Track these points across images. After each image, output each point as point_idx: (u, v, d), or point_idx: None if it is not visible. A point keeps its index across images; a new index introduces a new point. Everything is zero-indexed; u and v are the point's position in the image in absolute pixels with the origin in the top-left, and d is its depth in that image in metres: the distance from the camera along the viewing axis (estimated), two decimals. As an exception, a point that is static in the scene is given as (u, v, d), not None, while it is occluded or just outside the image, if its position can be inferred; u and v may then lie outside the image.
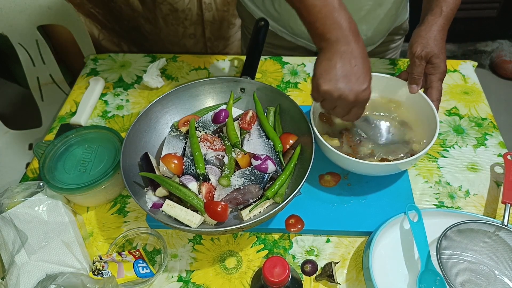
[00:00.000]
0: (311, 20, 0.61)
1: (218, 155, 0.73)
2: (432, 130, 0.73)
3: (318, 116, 0.80)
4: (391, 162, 0.69)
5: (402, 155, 0.74)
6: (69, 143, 0.79)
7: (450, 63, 1.04)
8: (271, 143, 0.75)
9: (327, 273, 0.65)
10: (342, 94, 0.60)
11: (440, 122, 0.83)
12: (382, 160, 0.73)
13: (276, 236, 0.73)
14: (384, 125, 0.79)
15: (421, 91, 0.77)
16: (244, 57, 0.88)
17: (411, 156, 0.70)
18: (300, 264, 0.69)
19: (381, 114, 0.81)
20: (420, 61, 0.75)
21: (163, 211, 0.66)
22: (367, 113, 0.80)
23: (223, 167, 0.72)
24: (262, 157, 0.70)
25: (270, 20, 1.02)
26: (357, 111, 0.65)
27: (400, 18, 1.04)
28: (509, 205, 0.69)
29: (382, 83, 0.81)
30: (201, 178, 0.69)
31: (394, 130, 0.78)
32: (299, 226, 0.70)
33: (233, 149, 0.74)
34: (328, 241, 0.72)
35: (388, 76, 0.81)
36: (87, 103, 0.95)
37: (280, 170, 0.72)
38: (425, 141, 0.75)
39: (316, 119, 0.79)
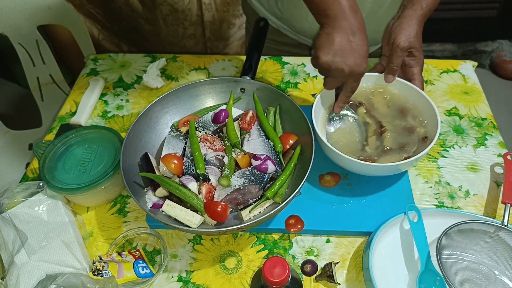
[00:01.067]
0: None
1: (218, 155, 0.73)
2: (433, 127, 0.73)
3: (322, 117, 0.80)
4: (391, 163, 0.69)
5: (413, 148, 0.74)
6: (69, 143, 0.79)
7: (450, 63, 1.04)
8: (271, 143, 0.75)
9: (327, 273, 0.65)
10: (338, 67, 0.64)
11: (441, 122, 0.83)
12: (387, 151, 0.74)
13: (276, 236, 0.73)
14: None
15: (422, 91, 0.77)
16: (244, 57, 0.88)
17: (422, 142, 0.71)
18: (300, 264, 0.69)
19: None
20: (402, 52, 0.77)
21: (163, 211, 0.66)
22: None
23: (223, 167, 0.72)
24: (262, 157, 0.70)
25: (273, 18, 1.02)
26: (351, 85, 0.70)
27: None
28: (509, 205, 0.69)
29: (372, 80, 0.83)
30: (201, 178, 0.69)
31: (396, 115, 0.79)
32: (299, 226, 0.70)
33: (233, 149, 0.74)
34: (328, 241, 0.72)
35: (376, 74, 0.82)
36: (87, 103, 0.95)
37: (280, 170, 0.72)
38: (428, 127, 0.75)
39: (319, 122, 0.79)
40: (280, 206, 0.62)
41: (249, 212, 0.66)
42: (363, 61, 0.65)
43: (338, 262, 0.68)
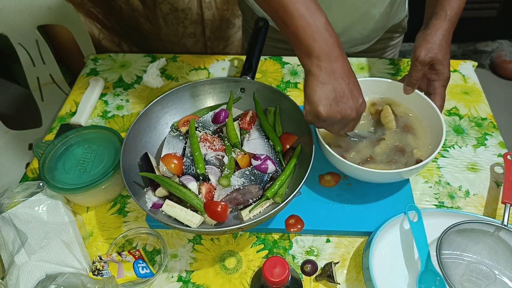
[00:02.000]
0: (295, 32, 0.58)
1: (218, 155, 0.73)
2: (437, 137, 0.72)
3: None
4: (394, 170, 0.68)
5: (402, 163, 0.73)
6: (69, 143, 0.79)
7: (450, 63, 1.04)
8: (271, 143, 0.75)
9: (327, 273, 0.65)
10: (345, 114, 0.59)
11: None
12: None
13: (276, 236, 0.73)
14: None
15: (427, 98, 0.76)
16: (244, 57, 0.88)
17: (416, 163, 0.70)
18: (300, 264, 0.69)
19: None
20: (422, 66, 0.74)
21: (163, 211, 0.66)
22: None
23: (223, 167, 0.72)
24: (262, 157, 0.70)
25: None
26: (354, 124, 0.65)
27: (398, 16, 1.05)
28: (509, 205, 0.69)
29: (383, 86, 0.81)
30: (201, 178, 0.69)
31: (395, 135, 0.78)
32: (299, 226, 0.70)
33: (233, 149, 0.74)
34: (328, 241, 0.72)
35: (390, 80, 0.81)
36: (87, 103, 0.95)
37: (280, 170, 0.72)
38: (429, 146, 0.74)
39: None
40: (280, 206, 0.62)
41: (249, 212, 0.66)
42: (362, 98, 0.61)
43: (338, 262, 0.68)
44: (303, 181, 0.64)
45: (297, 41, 0.58)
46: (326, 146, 0.70)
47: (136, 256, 0.68)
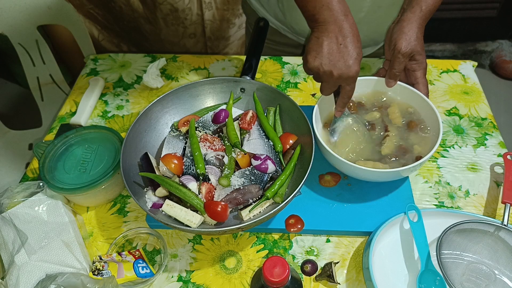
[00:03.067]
0: (303, 3, 0.66)
1: (218, 155, 0.73)
2: (434, 133, 0.72)
3: (323, 126, 0.79)
4: (392, 169, 0.67)
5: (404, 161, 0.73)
6: (69, 143, 0.79)
7: (450, 63, 1.04)
8: (271, 143, 0.75)
9: (327, 273, 0.65)
10: (326, 70, 0.65)
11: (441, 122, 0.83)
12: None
13: (276, 236, 0.73)
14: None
15: (424, 96, 0.77)
16: (244, 57, 0.88)
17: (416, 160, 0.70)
18: (300, 264, 0.69)
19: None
20: (404, 57, 0.76)
21: (163, 211, 0.66)
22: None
23: (223, 167, 0.72)
24: (262, 157, 0.70)
25: (273, 19, 1.02)
26: (346, 90, 0.69)
27: None
28: (509, 205, 0.69)
29: (370, 85, 0.82)
30: (201, 178, 0.69)
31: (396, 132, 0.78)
32: (299, 226, 0.70)
33: (233, 149, 0.74)
34: (328, 241, 0.72)
35: (376, 78, 0.82)
36: (87, 103, 0.95)
37: (280, 170, 0.72)
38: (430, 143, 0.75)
39: (320, 126, 0.78)
40: (280, 206, 0.62)
41: (249, 212, 0.66)
42: (354, 64, 0.64)
43: (338, 262, 0.68)
44: (303, 181, 0.64)
45: (304, 9, 0.67)
46: (326, 146, 0.70)
47: (136, 256, 0.68)
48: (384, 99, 0.83)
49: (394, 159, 0.73)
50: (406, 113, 0.80)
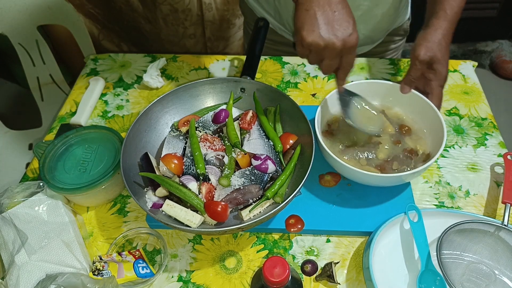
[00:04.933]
0: None
1: (218, 155, 0.73)
2: (438, 138, 0.72)
3: (322, 133, 0.78)
4: (394, 174, 0.67)
5: (406, 167, 0.73)
6: (69, 143, 0.79)
7: (450, 63, 1.04)
8: (271, 143, 0.75)
9: (327, 273, 0.65)
10: (329, 42, 0.58)
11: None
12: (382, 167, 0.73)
13: (276, 236, 0.73)
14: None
15: (429, 101, 0.76)
16: (244, 57, 0.88)
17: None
18: (300, 264, 0.69)
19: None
20: (421, 64, 0.73)
21: (163, 211, 0.66)
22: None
23: (223, 167, 0.72)
24: (262, 157, 0.70)
25: (270, 18, 1.02)
26: (348, 59, 0.63)
27: (401, 19, 1.04)
28: (509, 205, 0.69)
29: (383, 89, 0.81)
30: (201, 178, 0.69)
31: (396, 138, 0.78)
32: (299, 226, 0.70)
33: (233, 149, 0.74)
34: (328, 241, 0.72)
35: (390, 82, 0.80)
36: (87, 103, 0.95)
37: (280, 170, 0.72)
38: (429, 151, 0.74)
39: (320, 130, 0.77)
40: (280, 206, 0.62)
41: (249, 212, 0.66)
42: (353, 30, 0.59)
43: (338, 262, 0.68)
44: (303, 181, 0.64)
45: None
46: (326, 148, 0.70)
47: (136, 256, 0.68)
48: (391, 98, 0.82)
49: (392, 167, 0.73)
50: (399, 119, 0.80)
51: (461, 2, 0.75)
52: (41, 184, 0.73)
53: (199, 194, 0.68)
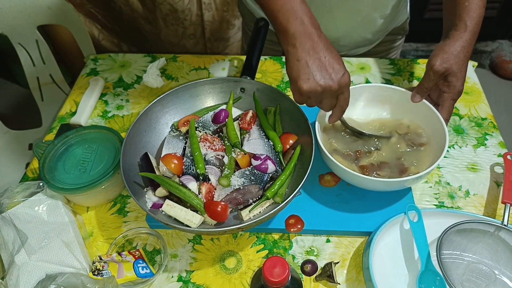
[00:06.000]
0: (274, 14, 0.62)
1: (218, 155, 0.73)
2: (439, 147, 0.71)
3: (322, 131, 0.78)
4: (396, 179, 0.67)
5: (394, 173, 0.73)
6: (69, 143, 0.79)
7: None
8: (271, 143, 0.75)
9: (327, 273, 0.65)
10: (325, 86, 0.61)
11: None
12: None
13: (276, 236, 0.73)
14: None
15: (431, 106, 0.75)
16: (244, 57, 0.88)
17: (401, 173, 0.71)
18: (300, 264, 0.69)
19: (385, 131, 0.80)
20: (435, 75, 0.72)
21: (163, 211, 0.66)
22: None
23: (223, 167, 0.72)
24: (262, 157, 0.70)
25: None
26: (344, 97, 0.66)
27: (400, 19, 1.04)
28: (509, 205, 0.69)
29: (389, 92, 0.80)
30: (201, 178, 0.69)
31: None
32: (299, 226, 0.70)
33: (233, 149, 0.74)
34: (328, 241, 0.72)
35: (404, 90, 0.79)
36: (87, 103, 0.95)
37: (280, 170, 0.72)
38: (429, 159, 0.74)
39: (321, 133, 0.77)
40: (280, 206, 0.62)
41: (249, 212, 0.66)
42: (345, 71, 0.62)
43: (338, 262, 0.68)
44: (303, 181, 0.64)
45: (275, 23, 0.63)
46: (327, 152, 0.70)
47: (136, 256, 0.68)
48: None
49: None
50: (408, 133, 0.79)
51: (481, 12, 0.72)
52: (41, 184, 0.73)
53: (199, 194, 0.68)
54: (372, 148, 0.76)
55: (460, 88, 0.73)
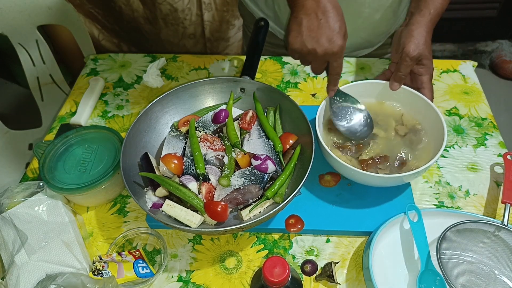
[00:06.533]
0: None
1: (218, 155, 0.73)
2: (438, 137, 0.72)
3: (323, 125, 0.79)
4: (395, 175, 0.67)
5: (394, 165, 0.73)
6: (69, 143, 0.79)
7: (450, 63, 1.04)
8: (271, 143, 0.75)
9: (327, 273, 0.65)
10: (310, 49, 0.62)
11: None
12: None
13: (276, 236, 0.73)
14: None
15: (430, 102, 0.76)
16: (244, 57, 0.88)
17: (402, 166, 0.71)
18: (300, 264, 0.69)
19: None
20: (412, 61, 0.75)
21: (163, 211, 0.66)
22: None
23: (223, 167, 0.72)
24: (262, 157, 0.70)
25: (269, 20, 1.02)
26: (334, 66, 0.66)
27: (400, 22, 1.04)
28: (509, 205, 0.69)
29: (376, 89, 0.81)
30: (201, 178, 0.69)
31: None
32: (299, 226, 0.70)
33: (233, 149, 0.74)
34: (328, 241, 0.72)
35: (383, 82, 0.81)
36: (87, 103, 0.95)
37: (280, 170, 0.72)
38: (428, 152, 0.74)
39: (321, 129, 0.77)
40: (280, 206, 0.62)
41: (249, 212, 0.66)
42: (337, 38, 0.62)
43: (338, 262, 0.68)
44: (303, 181, 0.64)
45: None
46: (327, 148, 0.70)
47: (136, 256, 0.68)
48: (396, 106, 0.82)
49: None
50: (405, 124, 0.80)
51: (444, 3, 0.77)
52: (41, 184, 0.73)
53: (199, 194, 0.68)
54: (371, 142, 0.77)
55: (433, 68, 0.77)
